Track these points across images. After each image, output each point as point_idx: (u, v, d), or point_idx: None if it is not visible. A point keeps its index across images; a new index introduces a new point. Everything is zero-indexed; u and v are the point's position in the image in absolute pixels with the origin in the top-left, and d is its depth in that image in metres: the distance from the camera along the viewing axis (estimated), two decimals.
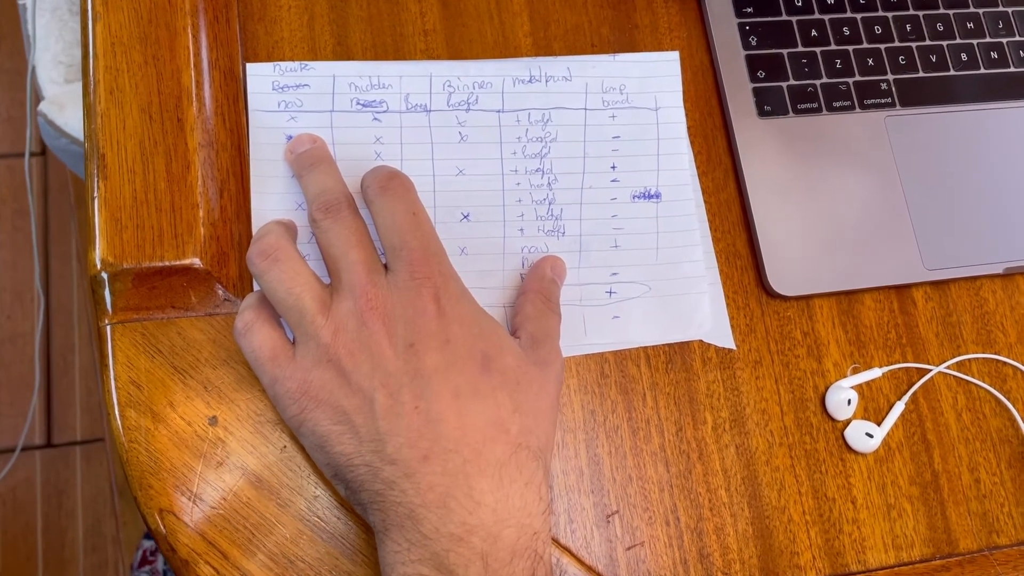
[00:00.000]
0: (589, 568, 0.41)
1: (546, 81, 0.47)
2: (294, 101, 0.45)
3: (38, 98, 0.85)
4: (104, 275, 0.40)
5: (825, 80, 0.50)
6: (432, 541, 0.34)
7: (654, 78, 0.49)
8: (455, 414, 0.36)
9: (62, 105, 0.82)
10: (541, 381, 0.39)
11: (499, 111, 0.46)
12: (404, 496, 0.35)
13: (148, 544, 1.14)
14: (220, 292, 0.41)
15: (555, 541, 0.41)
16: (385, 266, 0.39)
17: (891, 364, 0.47)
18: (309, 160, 0.42)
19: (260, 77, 0.45)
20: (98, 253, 0.40)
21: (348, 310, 0.37)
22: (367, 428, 0.36)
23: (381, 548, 0.36)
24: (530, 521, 0.36)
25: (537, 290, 0.43)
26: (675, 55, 0.49)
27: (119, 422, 0.39)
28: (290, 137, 0.44)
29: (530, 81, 0.47)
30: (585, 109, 0.47)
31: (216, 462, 0.39)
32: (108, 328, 0.40)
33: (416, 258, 0.38)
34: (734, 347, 0.46)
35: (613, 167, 0.47)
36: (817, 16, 0.51)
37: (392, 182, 0.41)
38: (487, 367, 0.37)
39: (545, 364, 0.40)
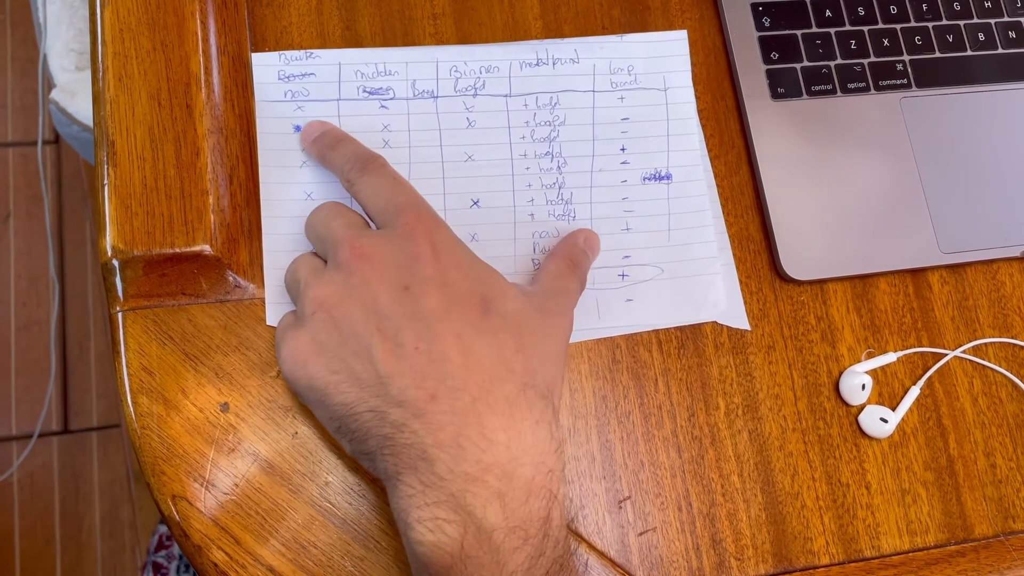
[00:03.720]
0: (601, 553, 0.41)
1: (553, 64, 0.47)
2: (300, 90, 0.44)
3: (50, 86, 0.86)
4: (115, 262, 0.40)
5: (840, 61, 0.49)
6: (447, 482, 0.34)
7: (662, 58, 0.48)
8: (459, 352, 0.35)
9: (73, 93, 0.82)
10: (544, 328, 0.39)
11: (507, 95, 0.46)
12: (415, 437, 0.34)
13: (164, 529, 1.15)
14: (231, 278, 0.41)
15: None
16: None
17: (906, 349, 0.46)
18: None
19: (266, 67, 0.44)
20: (109, 240, 0.40)
21: (333, 265, 0.38)
22: (367, 373, 0.35)
23: (393, 494, 0.35)
24: (544, 459, 0.35)
25: (565, 254, 0.43)
26: (683, 34, 0.49)
27: (131, 409, 0.39)
28: (298, 128, 0.44)
29: (537, 64, 0.47)
30: (593, 91, 0.47)
31: (228, 448, 0.39)
32: (120, 315, 0.40)
33: (405, 208, 0.39)
34: (748, 328, 0.45)
35: (623, 149, 0.46)
36: None
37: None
38: (487, 309, 0.37)
39: (551, 314, 0.40)
